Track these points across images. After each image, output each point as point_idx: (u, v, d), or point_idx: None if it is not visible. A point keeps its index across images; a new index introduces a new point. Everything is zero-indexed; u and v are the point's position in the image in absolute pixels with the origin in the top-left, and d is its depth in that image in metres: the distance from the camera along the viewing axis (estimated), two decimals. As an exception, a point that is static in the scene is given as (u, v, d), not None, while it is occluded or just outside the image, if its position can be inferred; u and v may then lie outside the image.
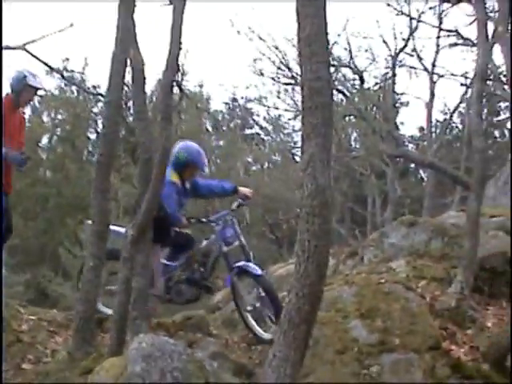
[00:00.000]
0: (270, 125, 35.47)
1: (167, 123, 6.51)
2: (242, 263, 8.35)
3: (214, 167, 34.08)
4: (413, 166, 32.49)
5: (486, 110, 29.28)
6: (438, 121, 31.42)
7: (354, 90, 26.06)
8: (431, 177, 24.63)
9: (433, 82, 26.42)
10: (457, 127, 33.07)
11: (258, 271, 8.21)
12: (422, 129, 32.61)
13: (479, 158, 9.49)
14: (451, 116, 29.85)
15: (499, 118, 32.67)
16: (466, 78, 24.86)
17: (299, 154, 27.17)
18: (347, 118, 26.71)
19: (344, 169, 27.94)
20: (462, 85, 25.73)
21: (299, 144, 27.76)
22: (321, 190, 4.19)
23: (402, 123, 35.80)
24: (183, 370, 5.21)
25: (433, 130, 29.43)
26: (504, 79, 19.41)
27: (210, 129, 40.71)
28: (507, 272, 10.03)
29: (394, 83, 26.74)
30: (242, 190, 9.00)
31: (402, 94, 29.77)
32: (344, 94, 25.27)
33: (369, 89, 26.95)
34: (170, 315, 9.67)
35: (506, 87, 19.43)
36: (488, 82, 22.11)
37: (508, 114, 30.70)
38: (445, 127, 30.00)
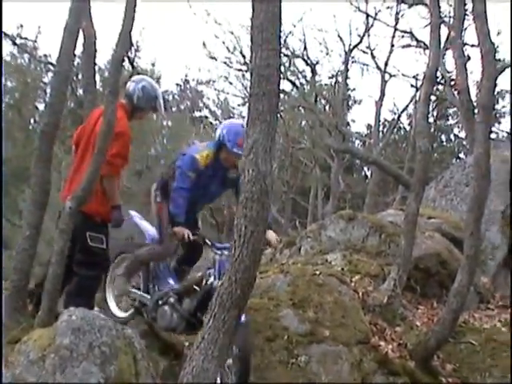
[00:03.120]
0: (219, 109, 35.48)
1: (114, 97, 6.45)
2: None
3: (160, 148, 33.91)
4: (358, 162, 32.68)
5: (435, 114, 29.68)
6: (386, 120, 31.70)
7: (305, 81, 26.17)
8: (375, 174, 24.84)
9: (384, 81, 26.62)
10: (404, 128, 33.38)
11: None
12: (369, 126, 32.82)
13: (422, 159, 9.60)
14: (399, 116, 30.13)
15: (447, 123, 33.12)
16: (417, 79, 25.15)
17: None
18: (297, 109, 26.79)
19: (289, 159, 28.01)
20: (412, 86, 26.02)
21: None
22: (261, 177, 4.21)
23: (353, 121, 36.03)
24: (111, 345, 5.23)
25: (381, 128, 29.67)
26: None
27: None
28: (440, 273, 10.21)
29: (346, 78, 26.89)
30: (270, 236, 7.18)
31: (353, 89, 30.01)
32: (295, 85, 25.36)
33: (321, 83, 27.11)
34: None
35: (455, 93, 19.67)
36: (439, 87, 22.43)
37: (456, 120, 31.16)
38: (392, 127, 30.25)
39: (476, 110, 9.89)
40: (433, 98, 25.94)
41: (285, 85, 25.15)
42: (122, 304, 7.80)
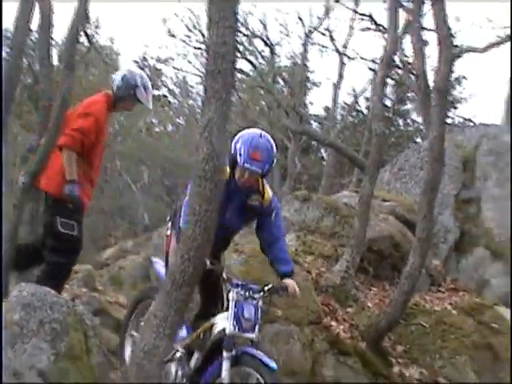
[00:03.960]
0: (178, 87, 35.30)
1: (70, 72, 6.38)
2: (247, 348, 5.43)
3: (117, 125, 33.67)
4: (315, 143, 32.76)
5: (394, 98, 29.84)
6: (345, 103, 31.80)
7: (264, 61, 26.13)
8: (331, 156, 24.92)
9: (342, 64, 26.61)
10: (361, 111, 33.50)
11: (273, 363, 5.21)
12: (327, 109, 32.86)
13: (377, 142, 9.68)
14: (357, 99, 30.23)
15: (405, 107, 33.32)
16: (375, 63, 25.17)
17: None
18: (255, 90, 26.77)
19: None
20: (370, 69, 26.07)
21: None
22: (215, 155, 4.20)
23: (311, 103, 36.06)
24: (62, 322, 5.18)
25: (339, 111, 29.75)
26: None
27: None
28: (393, 256, 10.31)
29: (305, 60, 26.86)
30: (290, 283, 5.90)
31: (312, 71, 30.01)
32: (253, 65, 25.34)
33: (279, 64, 27.09)
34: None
35: (412, 77, 19.75)
36: (399, 72, 22.54)
37: (414, 104, 31.33)
38: (350, 109, 30.36)
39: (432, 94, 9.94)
40: (392, 82, 26.11)
41: (243, 64, 25.13)
42: None
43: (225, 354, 5.24)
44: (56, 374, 4.86)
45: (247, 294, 5.52)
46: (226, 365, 5.22)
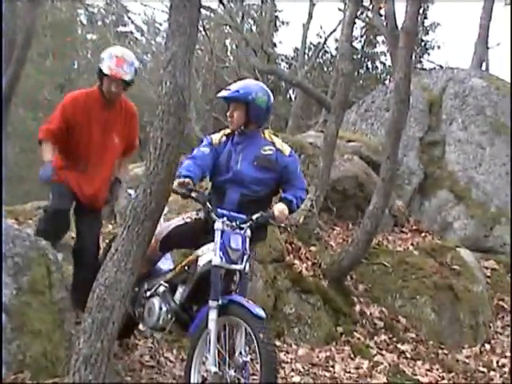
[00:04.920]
0: (146, 25, 34.89)
1: (34, 6, 6.28)
2: (234, 296, 5.24)
3: (83, 61, 33.31)
4: (283, 84, 32.65)
5: (363, 40, 29.71)
6: (311, 43, 31.57)
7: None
8: (298, 97, 24.83)
9: (312, 4, 26.39)
10: (330, 52, 33.33)
11: (261, 312, 5.01)
12: (296, 49, 32.66)
13: (343, 82, 9.67)
14: (326, 40, 30.04)
15: (375, 50, 33.20)
16: (345, 3, 24.99)
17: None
18: (223, 28, 26.53)
19: (212, 77, 27.74)
20: (339, 10, 25.87)
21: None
22: (178, 90, 4.15)
23: (280, 42, 35.82)
24: (25, 256, 5.17)
25: (307, 51, 29.56)
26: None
27: (84, 21, 39.67)
28: (357, 196, 10.39)
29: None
30: (277, 208, 5.58)
31: (280, 11, 29.74)
32: (221, 2, 25.04)
33: (248, 3, 26.82)
34: (21, 203, 9.53)
35: (381, 18, 19.63)
36: (369, 14, 22.41)
37: (384, 48, 31.23)
38: (318, 50, 30.18)
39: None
40: (361, 23, 25.97)
41: (211, 2, 24.81)
42: None
43: (211, 303, 5.07)
44: (18, 308, 4.86)
45: (234, 223, 5.32)
46: (212, 314, 5.05)
